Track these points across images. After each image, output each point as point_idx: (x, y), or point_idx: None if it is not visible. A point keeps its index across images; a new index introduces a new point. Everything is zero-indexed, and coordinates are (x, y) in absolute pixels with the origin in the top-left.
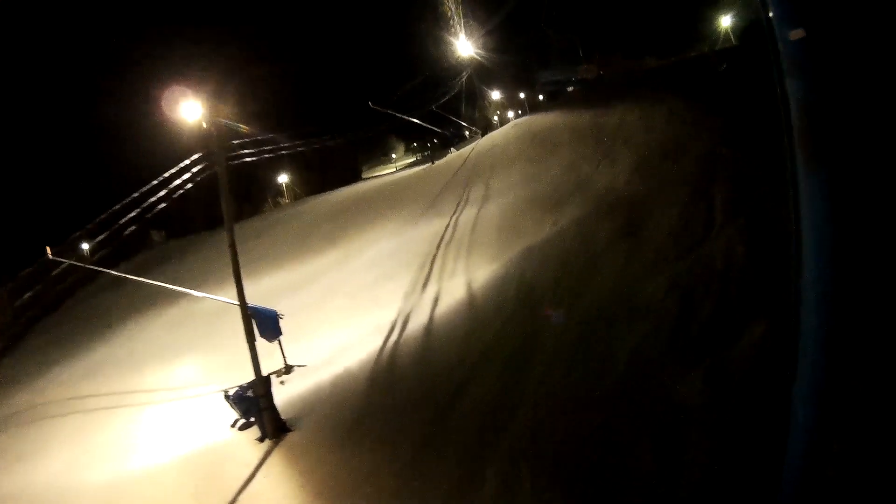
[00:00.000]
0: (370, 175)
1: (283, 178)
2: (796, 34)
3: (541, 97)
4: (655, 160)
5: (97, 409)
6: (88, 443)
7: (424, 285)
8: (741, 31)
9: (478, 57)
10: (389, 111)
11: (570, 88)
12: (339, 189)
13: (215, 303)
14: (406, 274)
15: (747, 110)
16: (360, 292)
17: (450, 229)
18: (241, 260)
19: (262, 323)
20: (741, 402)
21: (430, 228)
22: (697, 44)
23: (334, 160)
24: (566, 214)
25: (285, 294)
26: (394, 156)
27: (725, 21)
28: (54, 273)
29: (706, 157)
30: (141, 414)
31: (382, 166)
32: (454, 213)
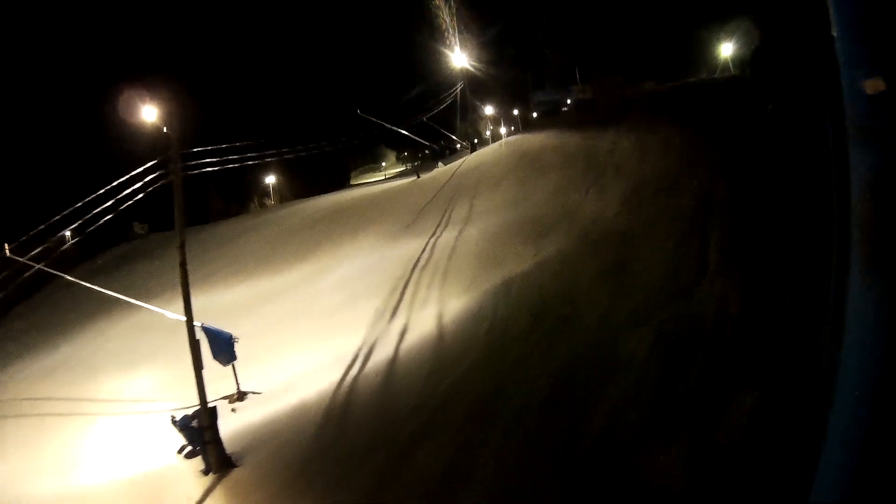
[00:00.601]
0: (358, 182)
1: (270, 179)
2: (874, 86)
3: (534, 114)
4: (647, 193)
5: (51, 415)
6: (39, 450)
7: (394, 313)
8: (742, 60)
9: (472, 69)
10: (378, 121)
11: (565, 109)
12: (323, 196)
13: (201, 305)
14: (376, 298)
15: (746, 145)
16: (327, 315)
17: (427, 252)
18: (210, 269)
19: (216, 345)
20: (724, 488)
21: (406, 249)
22: (696, 71)
23: (323, 164)
24: (549, 245)
25: (250, 309)
26: (384, 164)
27: (726, 50)
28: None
29: (701, 193)
30: (93, 425)
31: (371, 173)
32: (433, 235)
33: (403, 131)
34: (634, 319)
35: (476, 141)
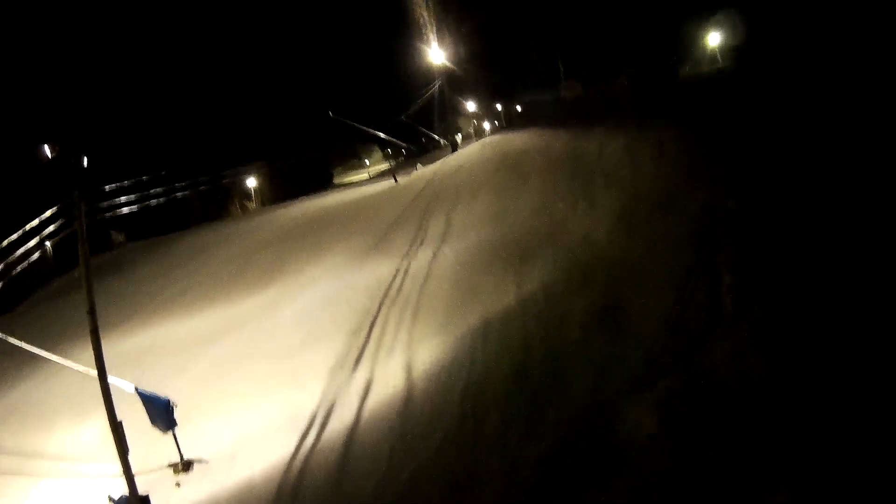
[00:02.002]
0: (342, 181)
1: (251, 182)
2: None
3: (518, 108)
4: (643, 209)
5: None
6: None
7: (357, 361)
8: (732, 50)
9: (452, 66)
10: (350, 122)
11: (552, 103)
12: (301, 200)
13: (152, 340)
14: (338, 337)
15: (753, 148)
16: (283, 357)
17: (398, 278)
18: (171, 292)
19: (153, 411)
20: None
21: (375, 272)
22: (681, 64)
23: (306, 164)
24: (534, 275)
25: (204, 345)
26: (367, 162)
27: (713, 39)
28: None
29: (707, 211)
30: (34, 489)
31: (356, 171)
32: (406, 255)
33: (379, 133)
34: (635, 382)
35: (459, 138)
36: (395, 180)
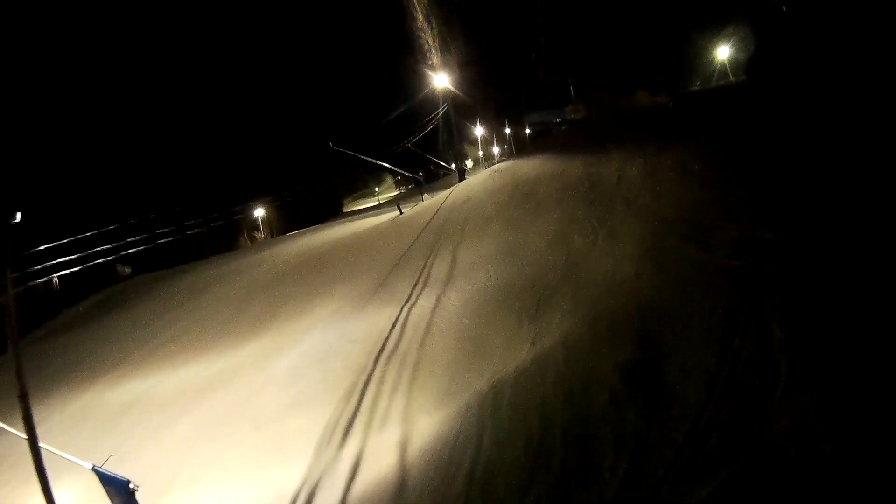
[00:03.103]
0: (351, 209)
1: (259, 213)
2: None
3: (528, 131)
4: (671, 242)
5: None
6: None
7: (347, 431)
8: (743, 64)
9: (458, 91)
10: (350, 152)
11: (561, 125)
12: (305, 233)
13: (141, 391)
14: (329, 400)
15: (780, 166)
16: (270, 421)
17: (397, 329)
18: (164, 337)
19: (112, 492)
20: None
21: (373, 323)
22: (691, 77)
23: (314, 193)
24: (551, 326)
25: (185, 404)
26: (377, 189)
27: (722, 53)
28: None
29: (744, 244)
30: None
31: (365, 200)
32: (407, 301)
33: (381, 162)
34: (681, 471)
35: (468, 166)
36: (400, 212)
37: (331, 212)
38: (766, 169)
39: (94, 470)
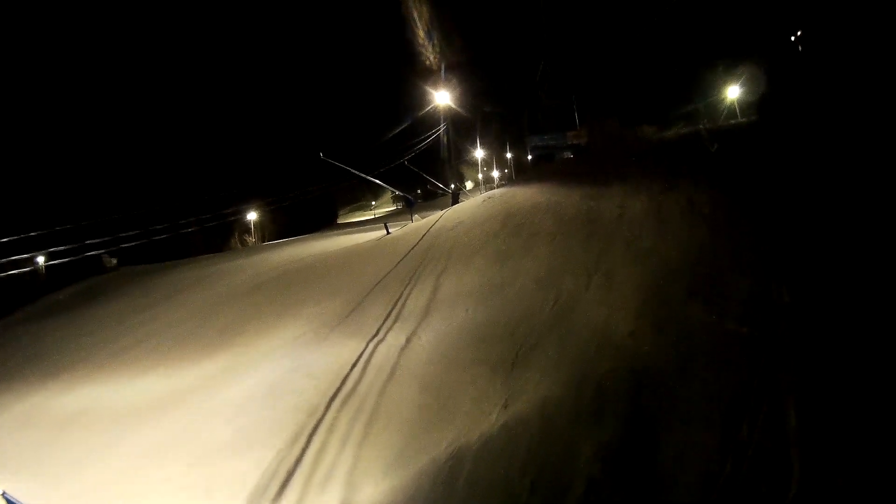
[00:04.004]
0: (346, 220)
1: (252, 216)
2: None
3: (529, 157)
4: (675, 296)
5: None
6: None
7: (282, 488)
8: (753, 104)
9: (459, 109)
10: (340, 164)
11: (565, 154)
12: (292, 242)
13: (91, 400)
14: (271, 444)
15: (801, 216)
16: (205, 459)
17: (358, 368)
18: (117, 342)
19: None
20: None
21: (336, 355)
22: (698, 115)
23: (310, 200)
24: (528, 386)
25: (131, 423)
26: (373, 203)
27: (732, 92)
28: None
29: (756, 303)
30: None
31: (362, 212)
32: (376, 335)
33: (372, 178)
34: None
35: (461, 189)
36: (388, 231)
37: (325, 221)
38: (779, 216)
39: (4, 496)
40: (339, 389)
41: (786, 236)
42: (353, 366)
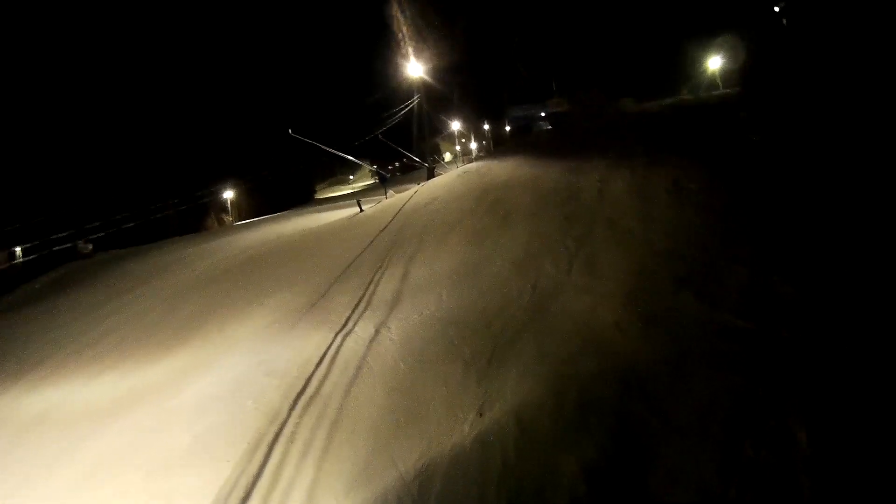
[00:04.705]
0: (324, 195)
1: (228, 195)
2: None
3: (507, 128)
4: (663, 283)
5: None
6: None
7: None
8: (734, 74)
9: (432, 81)
10: (312, 141)
11: (543, 125)
12: (267, 221)
13: (53, 401)
14: (230, 454)
15: (797, 197)
16: (163, 470)
17: (323, 365)
18: (83, 337)
19: None
20: None
21: (300, 350)
22: (678, 86)
23: (286, 176)
24: (505, 388)
25: (82, 429)
26: (351, 177)
27: (713, 63)
28: None
29: (754, 298)
30: None
31: (340, 186)
32: (343, 327)
33: (342, 153)
34: None
35: (445, 160)
36: (361, 209)
37: (302, 197)
38: (773, 197)
39: None
40: (302, 390)
41: (782, 218)
42: (319, 362)
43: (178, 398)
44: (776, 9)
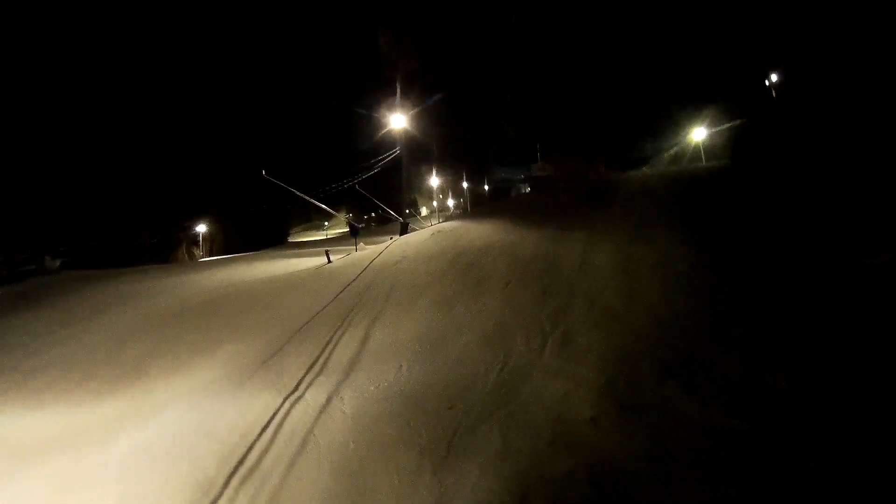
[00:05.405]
0: (298, 239)
1: (201, 228)
2: None
3: (486, 187)
4: (646, 372)
5: None
6: None
7: None
8: (723, 146)
9: (416, 133)
10: (285, 185)
11: (523, 187)
12: (237, 260)
13: None
14: None
15: (793, 281)
16: None
17: (267, 434)
18: (29, 361)
19: None
20: None
21: (244, 412)
22: (662, 156)
23: (261, 216)
24: (462, 488)
25: (20, 468)
26: (326, 223)
27: (698, 134)
28: None
29: (747, 392)
30: None
31: (315, 231)
32: (294, 391)
33: (313, 200)
34: None
35: (413, 216)
36: (329, 260)
37: (276, 239)
38: (767, 279)
39: None
40: (241, 460)
41: (775, 303)
42: (263, 430)
43: (111, 450)
44: (767, 83)
